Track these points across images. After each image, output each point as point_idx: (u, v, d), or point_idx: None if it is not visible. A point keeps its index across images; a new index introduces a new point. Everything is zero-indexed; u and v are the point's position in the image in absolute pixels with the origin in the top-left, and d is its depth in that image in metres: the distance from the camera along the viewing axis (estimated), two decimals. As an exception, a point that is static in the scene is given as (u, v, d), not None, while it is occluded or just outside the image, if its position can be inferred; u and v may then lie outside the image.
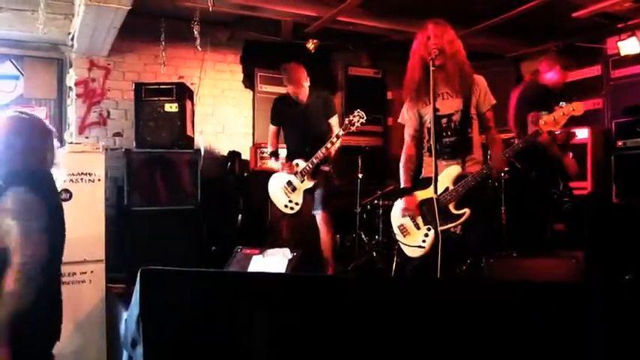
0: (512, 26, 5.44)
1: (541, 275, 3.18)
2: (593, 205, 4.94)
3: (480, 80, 3.18)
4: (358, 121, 4.19)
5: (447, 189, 3.03)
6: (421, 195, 3.18)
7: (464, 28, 5.44)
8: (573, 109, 2.91)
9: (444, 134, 3.11)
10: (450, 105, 3.11)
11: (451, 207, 3.03)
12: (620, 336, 2.06)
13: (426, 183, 3.15)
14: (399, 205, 3.29)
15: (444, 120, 3.11)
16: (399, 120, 3.41)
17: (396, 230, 3.31)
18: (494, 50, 6.31)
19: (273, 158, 4.64)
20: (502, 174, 4.46)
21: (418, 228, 3.19)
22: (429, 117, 3.10)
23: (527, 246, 4.25)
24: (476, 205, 3.01)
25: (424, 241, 3.13)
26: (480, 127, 3.19)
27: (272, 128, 4.69)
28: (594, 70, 5.91)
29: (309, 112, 4.48)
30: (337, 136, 4.24)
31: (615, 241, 4.48)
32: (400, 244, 3.29)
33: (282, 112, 4.62)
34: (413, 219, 3.21)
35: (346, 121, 4.24)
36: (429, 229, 3.12)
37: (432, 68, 2.88)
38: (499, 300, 2.15)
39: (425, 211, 3.14)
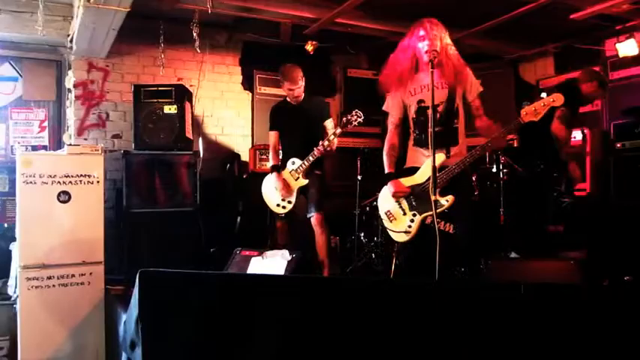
0: (510, 28, 5.45)
1: (540, 276, 3.18)
2: (592, 207, 4.95)
3: (466, 70, 3.28)
4: (356, 120, 4.19)
5: (429, 178, 3.09)
6: (406, 182, 3.27)
7: (462, 30, 5.45)
8: (553, 100, 2.98)
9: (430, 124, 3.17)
10: (435, 96, 3.16)
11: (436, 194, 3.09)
12: (618, 337, 2.06)
13: (410, 172, 3.28)
14: (385, 191, 3.37)
15: (429, 111, 3.16)
16: (383, 108, 3.48)
17: (382, 216, 3.40)
18: (492, 52, 6.33)
19: (275, 172, 4.47)
20: (501, 172, 4.51)
21: (404, 214, 3.28)
22: (413, 108, 3.27)
23: (526, 247, 4.26)
24: (460, 197, 3.07)
25: (410, 226, 3.23)
26: (470, 116, 3.29)
27: (273, 135, 4.63)
28: (593, 72, 5.92)
29: (304, 115, 4.50)
30: (334, 134, 4.24)
31: (614, 243, 4.49)
32: (387, 230, 3.39)
33: (280, 116, 4.63)
34: (399, 204, 3.30)
35: (344, 119, 4.24)
36: (414, 215, 3.23)
37: (430, 70, 2.96)
38: (497, 301, 2.15)
39: (411, 198, 3.24)
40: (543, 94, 3.29)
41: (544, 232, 4.39)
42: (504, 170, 4.59)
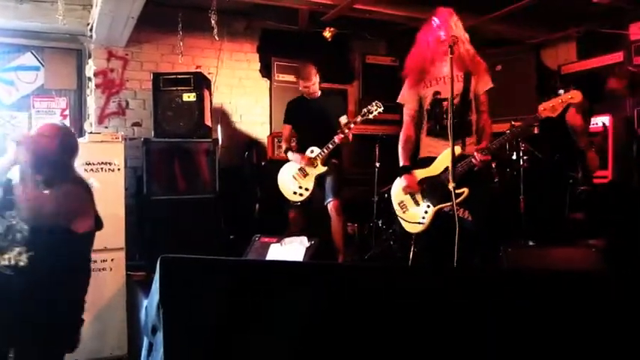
0: (532, 12, 5.35)
1: (560, 264, 3.15)
2: (614, 194, 4.88)
3: (481, 63, 3.28)
4: (376, 110, 4.37)
5: (446, 169, 3.09)
6: (421, 173, 3.27)
7: (483, 14, 5.37)
8: (571, 97, 2.94)
9: (445, 116, 3.17)
10: (450, 88, 3.17)
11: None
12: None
13: (424, 163, 3.28)
14: (398, 182, 3.39)
15: (445, 103, 3.18)
16: (398, 100, 3.49)
17: (396, 206, 3.42)
18: (513, 37, 6.22)
19: (289, 152, 4.72)
20: (521, 159, 4.46)
21: (417, 204, 3.28)
22: (428, 99, 3.26)
23: (546, 235, 4.22)
24: (476, 187, 3.06)
25: (423, 217, 3.23)
26: (475, 110, 3.29)
27: (286, 127, 4.86)
28: (616, 57, 5.79)
29: (320, 111, 4.68)
30: (354, 122, 4.39)
31: (636, 230, 4.42)
32: (400, 219, 3.40)
33: (296, 111, 4.82)
34: (412, 196, 3.31)
35: (364, 110, 4.41)
36: (428, 206, 3.22)
37: (449, 56, 2.93)
38: (515, 289, 2.14)
39: (424, 189, 3.24)
40: (561, 91, 3.28)
41: (564, 220, 4.35)
42: (524, 157, 4.54)
